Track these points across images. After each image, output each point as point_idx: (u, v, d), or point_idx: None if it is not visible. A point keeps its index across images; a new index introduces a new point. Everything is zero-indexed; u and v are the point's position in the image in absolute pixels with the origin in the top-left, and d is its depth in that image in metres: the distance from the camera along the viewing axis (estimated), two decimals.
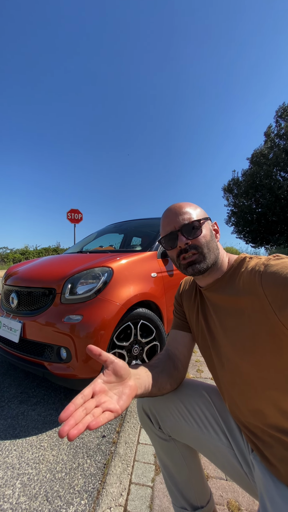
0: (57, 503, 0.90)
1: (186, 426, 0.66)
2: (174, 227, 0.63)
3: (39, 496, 0.92)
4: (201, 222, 0.63)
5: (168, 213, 0.66)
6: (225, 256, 0.65)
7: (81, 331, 1.35)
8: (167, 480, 0.73)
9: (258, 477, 0.54)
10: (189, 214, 0.63)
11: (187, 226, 0.62)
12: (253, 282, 0.54)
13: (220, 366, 0.62)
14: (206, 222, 0.64)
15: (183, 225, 0.62)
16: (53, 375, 1.36)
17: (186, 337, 0.75)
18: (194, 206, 0.66)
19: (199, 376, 1.82)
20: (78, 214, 8.53)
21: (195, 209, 0.65)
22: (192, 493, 0.71)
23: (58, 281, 1.54)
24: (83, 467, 1.06)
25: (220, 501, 0.89)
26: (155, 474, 1.00)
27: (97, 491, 0.94)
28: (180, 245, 0.62)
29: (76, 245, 3.00)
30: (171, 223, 0.64)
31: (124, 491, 0.92)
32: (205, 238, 0.62)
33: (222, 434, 0.64)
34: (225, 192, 16.38)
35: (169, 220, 0.64)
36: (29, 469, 1.04)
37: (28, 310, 1.59)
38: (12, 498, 0.91)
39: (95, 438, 1.23)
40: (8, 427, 1.29)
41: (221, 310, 0.62)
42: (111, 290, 1.51)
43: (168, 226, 0.64)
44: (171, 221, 0.64)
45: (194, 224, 0.62)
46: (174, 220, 0.63)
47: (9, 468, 1.05)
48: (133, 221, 3.14)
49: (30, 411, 1.43)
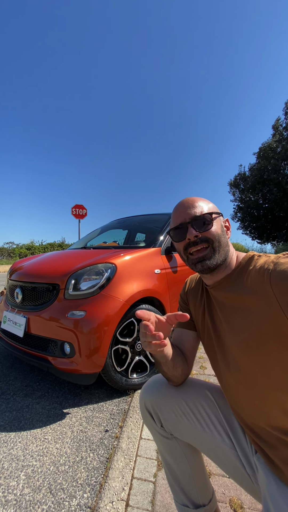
0: (60, 495, 0.91)
1: (189, 425, 0.65)
2: (185, 219, 0.62)
3: (43, 488, 0.94)
4: (213, 216, 0.61)
5: (179, 206, 0.65)
6: (234, 254, 0.64)
7: (84, 326, 1.35)
8: (169, 477, 0.73)
9: (261, 479, 0.53)
10: (201, 208, 0.62)
11: (198, 218, 0.60)
12: (262, 281, 0.53)
13: (225, 366, 0.61)
14: (218, 217, 0.63)
15: (194, 217, 0.61)
16: (57, 370, 1.38)
17: (191, 335, 0.74)
18: (206, 201, 0.65)
19: (203, 372, 1.81)
20: (83, 209, 8.54)
21: (207, 204, 0.64)
22: (194, 491, 0.70)
23: (61, 277, 1.54)
24: (86, 460, 1.07)
25: (222, 498, 0.89)
26: (157, 469, 1.00)
27: (99, 485, 0.95)
28: (189, 237, 0.60)
29: (80, 241, 3.01)
30: (182, 215, 0.63)
31: (126, 485, 0.93)
32: (216, 232, 0.60)
33: (225, 435, 0.63)
34: (231, 187, 16.12)
35: (180, 212, 0.63)
36: (33, 461, 1.06)
37: (32, 305, 1.60)
38: (16, 490, 0.93)
39: (98, 432, 1.24)
40: (13, 420, 1.32)
41: (228, 309, 0.60)
42: (114, 286, 1.51)
43: (179, 218, 0.63)
44: (182, 213, 0.63)
45: (206, 218, 0.60)
46: (185, 212, 0.62)
47: (14, 460, 1.07)
48: (137, 217, 3.12)
49: (34, 404, 1.45)
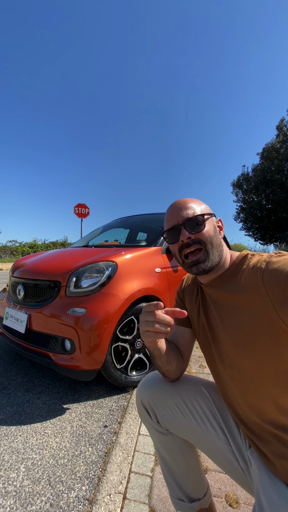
0: (59, 487, 0.93)
1: (184, 421, 0.67)
2: (178, 221, 0.63)
3: (42, 480, 0.96)
4: (205, 217, 0.62)
5: (172, 207, 0.66)
6: (228, 254, 0.65)
7: (85, 323, 1.37)
8: (165, 472, 0.74)
9: (254, 473, 0.55)
10: (193, 209, 0.63)
11: (191, 220, 0.61)
12: (255, 279, 0.54)
13: (220, 362, 0.62)
14: (211, 218, 0.64)
15: (186, 219, 0.62)
16: (57, 366, 1.40)
17: (187, 332, 0.75)
18: (199, 202, 0.66)
19: (202, 371, 1.82)
20: (85, 208, 8.57)
21: (199, 205, 0.65)
22: (190, 486, 0.71)
23: (63, 274, 1.56)
24: (85, 454, 1.09)
25: (218, 493, 0.90)
26: (155, 464, 1.02)
27: (97, 478, 0.97)
28: (182, 239, 0.61)
29: (82, 239, 3.03)
30: (174, 217, 0.64)
31: (124, 479, 0.95)
32: (208, 233, 0.61)
33: (220, 430, 0.64)
34: (234, 188, 16.05)
35: (173, 214, 0.64)
36: (33, 454, 1.08)
37: (34, 302, 1.63)
38: (16, 481, 0.95)
39: (97, 427, 1.26)
40: (14, 414, 1.34)
41: (222, 307, 0.61)
42: (115, 284, 1.52)
43: (172, 220, 0.64)
44: (175, 215, 0.64)
45: (198, 219, 0.61)
46: (178, 214, 0.63)
47: (14, 453, 1.09)
48: (138, 216, 3.13)
49: (35, 399, 1.48)
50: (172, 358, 0.66)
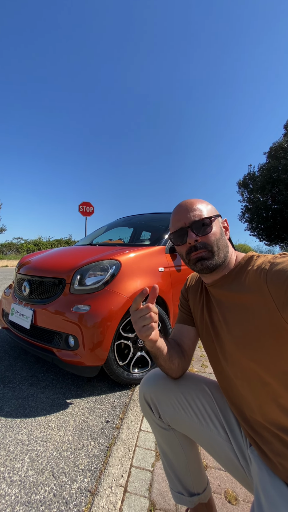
0: (62, 479, 0.96)
1: (186, 417, 0.68)
2: (184, 223, 0.63)
3: (46, 471, 0.99)
4: (212, 219, 0.62)
5: (178, 209, 0.66)
6: (233, 254, 0.65)
7: (88, 320, 1.40)
8: (166, 466, 0.76)
9: (254, 471, 0.55)
10: (200, 211, 0.63)
11: (198, 223, 0.62)
12: (258, 280, 0.54)
13: (223, 361, 0.63)
14: (217, 219, 0.64)
15: (193, 222, 0.62)
16: (61, 361, 1.43)
17: (190, 331, 0.76)
18: (205, 203, 0.66)
19: (204, 371, 1.83)
20: (90, 207, 8.61)
21: (206, 206, 0.65)
22: (189, 480, 0.73)
23: (67, 272, 1.59)
24: (87, 448, 1.12)
25: (218, 490, 0.91)
26: (156, 459, 1.04)
27: (99, 471, 1.00)
28: (189, 241, 0.62)
29: (86, 238, 3.06)
30: (181, 219, 0.64)
31: (125, 473, 0.97)
32: (215, 236, 0.62)
33: (221, 428, 0.65)
34: (240, 187, 15.89)
35: (180, 216, 0.65)
36: (37, 446, 1.12)
37: (39, 299, 1.66)
38: (21, 471, 0.98)
39: (100, 422, 1.29)
40: (19, 407, 1.38)
41: (225, 306, 0.62)
42: (118, 283, 1.54)
43: (178, 222, 0.65)
44: (181, 217, 0.64)
45: (205, 221, 0.62)
46: (185, 216, 0.63)
47: (19, 444, 1.12)
48: (143, 215, 3.15)
49: (39, 394, 1.51)
50: (173, 356, 0.67)
